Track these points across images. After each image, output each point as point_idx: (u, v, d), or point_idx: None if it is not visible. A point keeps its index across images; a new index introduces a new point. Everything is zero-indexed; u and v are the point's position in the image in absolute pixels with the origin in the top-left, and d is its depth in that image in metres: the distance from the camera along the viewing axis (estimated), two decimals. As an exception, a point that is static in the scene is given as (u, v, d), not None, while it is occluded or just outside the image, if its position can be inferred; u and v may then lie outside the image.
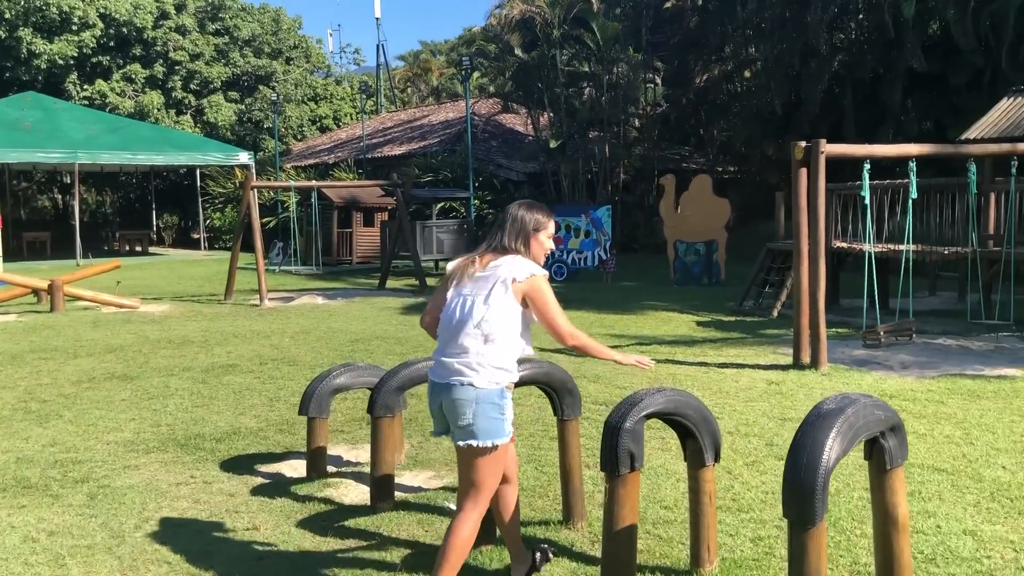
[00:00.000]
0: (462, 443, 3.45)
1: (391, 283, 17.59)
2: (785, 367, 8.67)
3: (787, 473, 2.99)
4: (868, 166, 9.08)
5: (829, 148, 8.77)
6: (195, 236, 31.16)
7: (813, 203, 8.75)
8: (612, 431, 3.47)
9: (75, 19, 30.21)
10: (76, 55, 30.58)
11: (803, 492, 2.91)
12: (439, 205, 22.90)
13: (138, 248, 28.69)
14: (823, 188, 8.73)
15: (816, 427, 2.99)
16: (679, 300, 14.19)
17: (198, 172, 29.36)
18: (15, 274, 15.32)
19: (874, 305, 9.58)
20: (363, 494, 5.04)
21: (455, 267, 3.60)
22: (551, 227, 3.66)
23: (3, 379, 8.44)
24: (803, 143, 8.86)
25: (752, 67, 25.65)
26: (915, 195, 9.43)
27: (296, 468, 5.60)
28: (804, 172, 8.82)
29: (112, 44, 31.75)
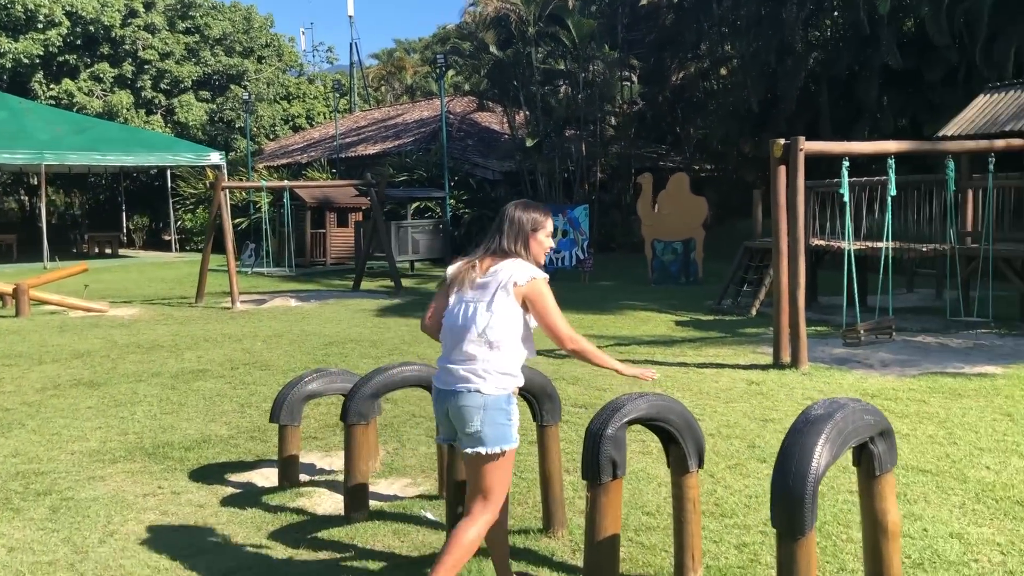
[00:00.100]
0: (470, 450, 3.42)
1: (366, 284, 17.39)
2: (765, 367, 8.60)
3: (775, 481, 2.88)
4: (847, 163, 9.03)
5: (808, 146, 8.71)
6: (166, 238, 30.74)
7: (792, 201, 8.69)
8: (594, 438, 3.36)
9: (41, 17, 29.69)
10: (42, 54, 30.05)
11: (792, 501, 2.80)
12: (414, 205, 22.70)
13: (108, 250, 28.25)
14: (802, 186, 8.67)
15: (804, 433, 2.88)
16: (657, 299, 14.12)
17: (169, 173, 28.95)
18: (-20, 278, 14.99)
19: (853, 303, 9.54)
20: (337, 503, 4.89)
21: (455, 271, 3.56)
22: (549, 225, 3.64)
23: (-35, 387, 8.20)
24: (782, 141, 8.80)
25: (728, 65, 25.66)
26: (894, 192, 9.39)
27: (268, 477, 5.44)
28: (783, 170, 8.76)
29: (79, 43, 31.23)
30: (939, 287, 13.51)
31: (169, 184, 29.09)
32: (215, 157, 26.64)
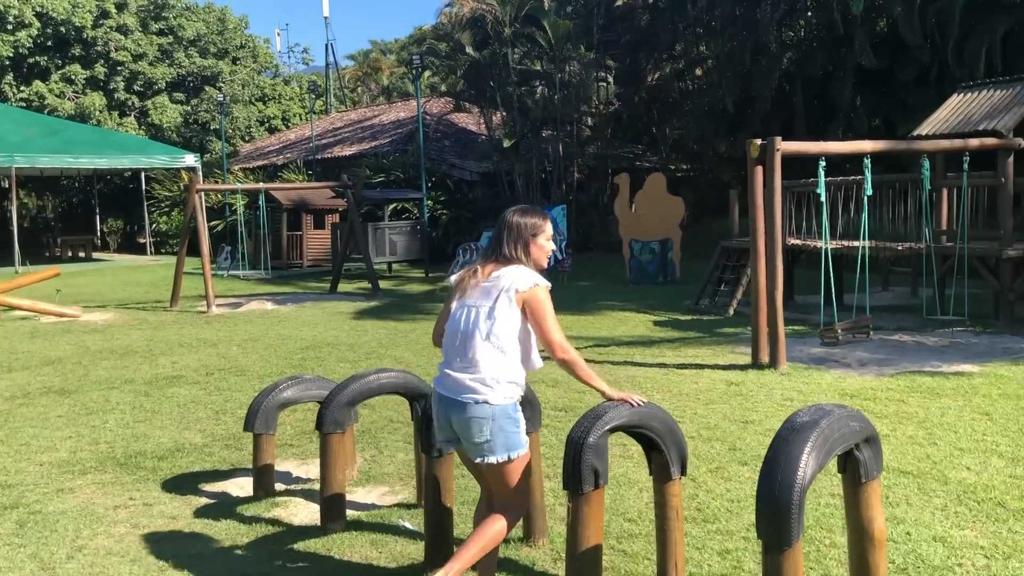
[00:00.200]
0: (482, 460, 3.45)
1: (343, 287, 17.25)
2: (744, 367, 8.58)
3: (761, 491, 2.82)
4: (824, 163, 9.04)
5: (785, 146, 8.70)
6: (141, 241, 30.37)
7: (769, 201, 8.68)
8: (575, 447, 3.29)
9: (10, 18, 29.23)
10: (12, 55, 29.58)
11: (778, 512, 2.75)
12: (391, 206, 22.54)
13: (81, 254, 27.85)
14: (779, 186, 8.67)
15: (790, 442, 2.83)
16: (635, 299, 14.10)
17: (143, 175, 28.59)
18: (-52, 283, 14.69)
19: (830, 302, 9.55)
20: (313, 513, 4.80)
21: (458, 278, 3.61)
22: (549, 228, 3.65)
23: (-69, 396, 8.01)
24: (759, 141, 8.79)
25: (703, 65, 25.70)
26: (870, 192, 9.41)
27: (243, 486, 5.34)
28: (760, 170, 8.75)
29: (50, 44, 30.78)
30: (914, 285, 13.58)
31: (143, 187, 28.74)
32: (190, 159, 26.34)
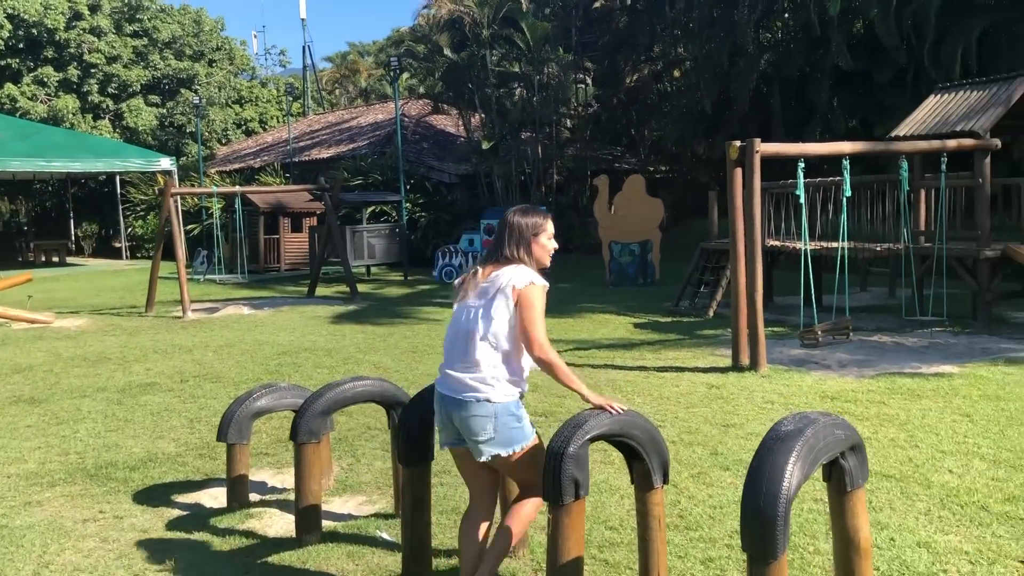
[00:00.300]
0: (487, 457, 3.44)
1: (321, 290, 17.11)
2: (724, 369, 8.54)
3: (745, 502, 2.76)
4: (803, 165, 9.02)
5: (764, 147, 8.68)
6: (116, 245, 30.03)
7: (748, 203, 8.64)
8: (555, 457, 3.21)
9: (-18, 20, 28.91)
10: (-17, 58, 29.28)
11: (763, 523, 2.68)
12: (370, 209, 22.39)
13: (55, 259, 27.48)
14: (758, 188, 8.64)
15: (775, 451, 2.77)
16: (615, 301, 14.05)
17: (118, 179, 28.28)
18: (-83, 290, 14.42)
19: (810, 303, 9.53)
20: (288, 524, 4.70)
21: (460, 281, 3.64)
22: (550, 227, 3.64)
23: None
24: (738, 143, 8.76)
25: (681, 67, 25.75)
26: (849, 193, 9.40)
27: (217, 497, 5.22)
28: (739, 172, 8.72)
29: (21, 46, 30.41)
30: (892, 285, 13.63)
31: (119, 190, 28.43)
32: (165, 162, 26.05)
